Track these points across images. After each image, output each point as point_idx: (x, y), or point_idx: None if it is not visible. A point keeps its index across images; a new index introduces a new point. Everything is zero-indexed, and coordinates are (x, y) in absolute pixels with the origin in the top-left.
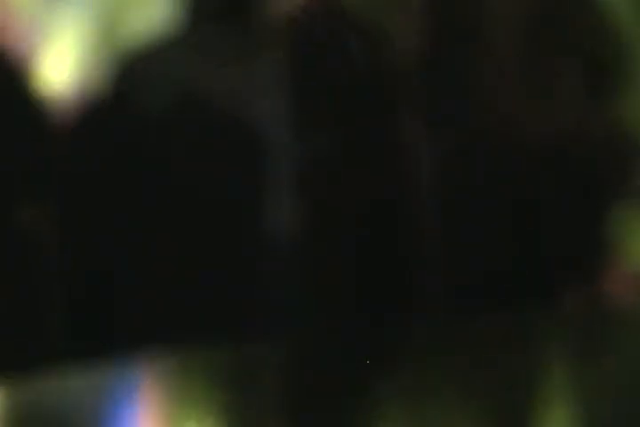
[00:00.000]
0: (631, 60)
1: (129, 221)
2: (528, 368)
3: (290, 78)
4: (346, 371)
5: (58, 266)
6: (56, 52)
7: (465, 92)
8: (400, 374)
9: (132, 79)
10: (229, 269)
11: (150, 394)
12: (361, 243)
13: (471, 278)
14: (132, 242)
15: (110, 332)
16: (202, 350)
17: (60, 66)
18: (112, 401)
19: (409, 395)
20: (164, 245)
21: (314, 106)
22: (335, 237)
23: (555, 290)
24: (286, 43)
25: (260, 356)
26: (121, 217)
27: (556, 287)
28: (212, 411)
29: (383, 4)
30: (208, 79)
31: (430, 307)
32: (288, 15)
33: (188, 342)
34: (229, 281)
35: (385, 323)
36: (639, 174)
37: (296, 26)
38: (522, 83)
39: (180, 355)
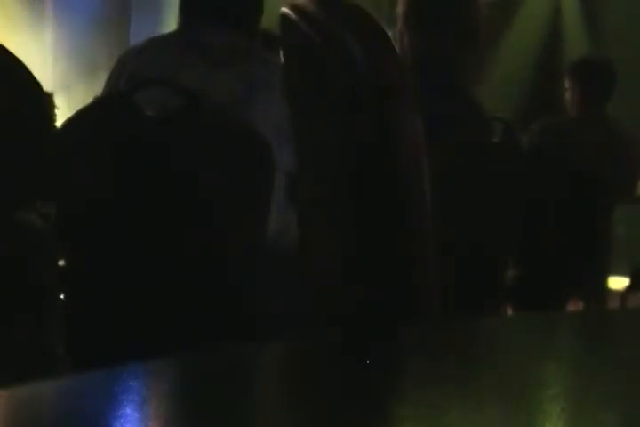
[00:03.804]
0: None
1: (129, 225)
2: (528, 368)
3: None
4: (346, 371)
5: (62, 273)
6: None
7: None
8: (399, 375)
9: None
10: (229, 270)
11: (153, 400)
12: (361, 243)
13: (471, 279)
14: (129, 242)
15: (112, 338)
16: (203, 353)
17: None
18: (115, 407)
19: (408, 395)
20: (163, 245)
21: (314, 106)
22: (335, 238)
23: (555, 291)
24: (285, 44)
25: (260, 356)
26: (120, 221)
27: (557, 288)
28: (214, 413)
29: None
30: (207, 81)
31: (430, 308)
32: (287, 17)
33: (189, 345)
34: (230, 282)
35: (384, 324)
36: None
37: (295, 28)
38: None
39: (181, 359)
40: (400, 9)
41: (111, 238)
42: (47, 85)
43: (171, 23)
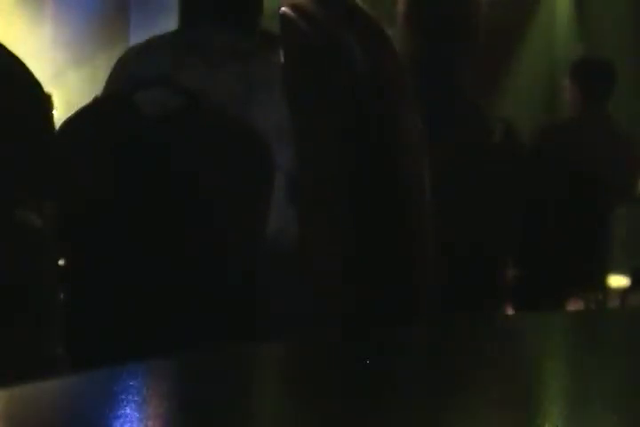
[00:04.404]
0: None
1: (129, 225)
2: (528, 368)
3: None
4: (346, 371)
5: (61, 271)
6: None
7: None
8: (399, 375)
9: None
10: (229, 270)
11: (153, 399)
12: (361, 243)
13: (471, 279)
14: (129, 242)
15: (112, 338)
16: (203, 353)
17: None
18: (115, 407)
19: (408, 395)
20: (163, 245)
21: (314, 106)
22: (335, 238)
23: (555, 290)
24: (286, 44)
25: (260, 356)
26: (120, 221)
27: (557, 288)
28: (214, 413)
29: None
30: (207, 80)
31: (430, 308)
32: (287, 17)
33: (189, 345)
34: (230, 282)
35: (384, 324)
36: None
37: (295, 28)
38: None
39: (181, 359)
40: (400, 8)
41: (111, 238)
42: (46, 85)
43: (171, 23)
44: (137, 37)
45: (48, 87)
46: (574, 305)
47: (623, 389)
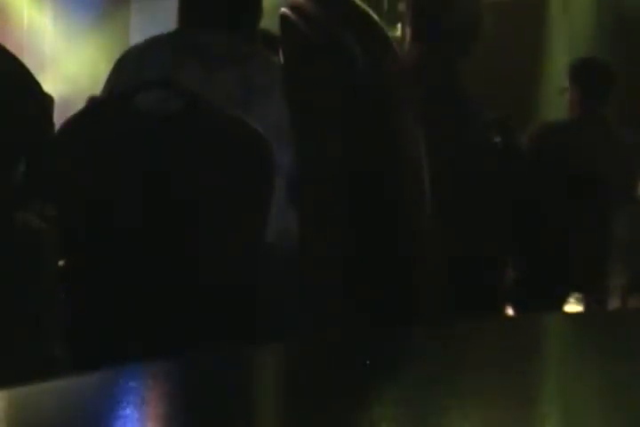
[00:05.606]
0: None
1: (129, 225)
2: (528, 368)
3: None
4: (346, 371)
5: (60, 272)
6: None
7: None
8: (399, 375)
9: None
10: (229, 270)
11: (153, 400)
12: (361, 243)
13: (471, 279)
14: (129, 242)
15: (113, 339)
16: (203, 353)
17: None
18: (115, 408)
19: (408, 395)
20: (163, 245)
21: (313, 107)
22: (335, 238)
23: (555, 291)
24: (286, 45)
25: (260, 356)
26: (120, 221)
27: (557, 288)
28: (214, 413)
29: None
30: (206, 82)
31: (430, 308)
32: (287, 17)
33: (189, 345)
34: (230, 283)
35: (384, 324)
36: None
37: (295, 28)
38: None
39: (181, 359)
40: (401, 9)
41: (111, 238)
42: (41, 76)
43: (171, 23)
44: (137, 37)
45: (42, 76)
46: (574, 306)
47: (623, 389)
